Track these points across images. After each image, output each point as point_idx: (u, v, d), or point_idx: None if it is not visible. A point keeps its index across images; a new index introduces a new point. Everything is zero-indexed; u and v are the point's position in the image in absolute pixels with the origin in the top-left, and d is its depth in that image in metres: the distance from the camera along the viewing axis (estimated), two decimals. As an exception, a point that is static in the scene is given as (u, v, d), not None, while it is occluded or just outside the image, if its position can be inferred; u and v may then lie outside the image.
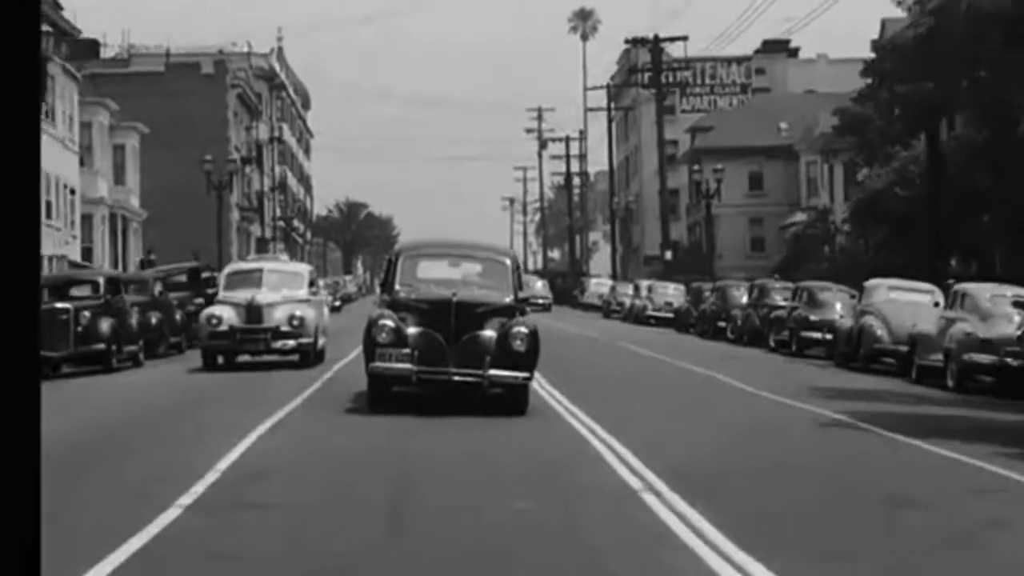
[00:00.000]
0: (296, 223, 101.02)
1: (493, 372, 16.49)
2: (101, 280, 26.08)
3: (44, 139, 36.76)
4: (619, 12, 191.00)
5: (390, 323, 16.71)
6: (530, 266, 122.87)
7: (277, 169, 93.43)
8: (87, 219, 54.45)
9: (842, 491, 11.84)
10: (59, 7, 49.71)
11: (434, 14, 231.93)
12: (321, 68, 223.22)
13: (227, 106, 78.23)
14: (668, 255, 63.90)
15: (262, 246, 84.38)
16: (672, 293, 54.88)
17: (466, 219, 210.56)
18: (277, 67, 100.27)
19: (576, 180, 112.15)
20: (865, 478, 12.74)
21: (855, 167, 55.40)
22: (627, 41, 67.56)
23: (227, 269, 28.52)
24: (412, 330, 16.70)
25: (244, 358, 25.97)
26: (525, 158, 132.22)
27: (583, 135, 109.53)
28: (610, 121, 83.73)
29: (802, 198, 75.09)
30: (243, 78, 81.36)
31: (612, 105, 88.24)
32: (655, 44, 64.26)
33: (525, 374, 16.75)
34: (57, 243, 48.11)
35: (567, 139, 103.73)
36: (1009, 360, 22.63)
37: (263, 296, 25.09)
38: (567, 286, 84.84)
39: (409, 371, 16.59)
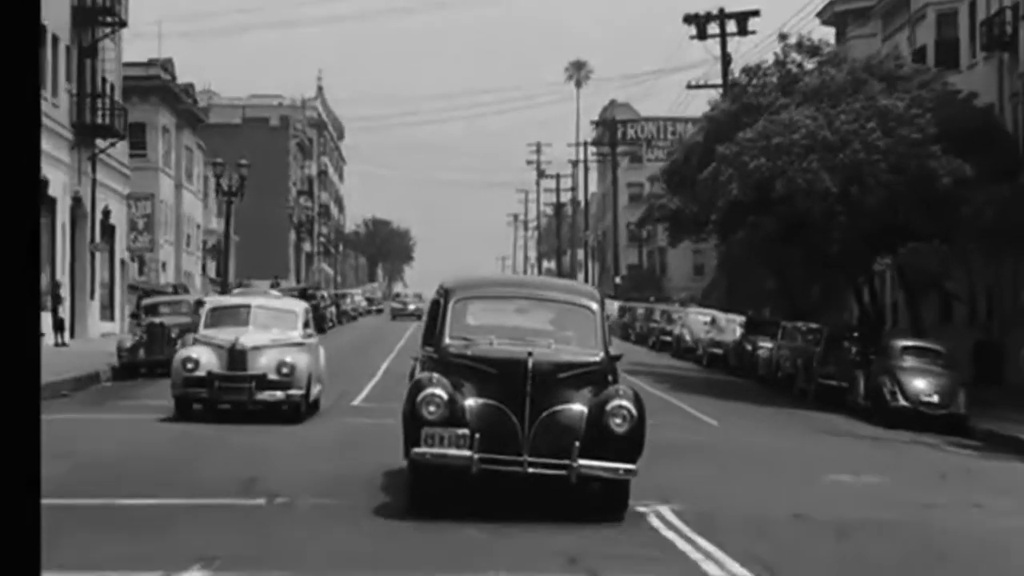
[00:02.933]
0: (333, 241, 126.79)
1: (584, 463, 12.42)
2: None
3: (185, 194, 63.15)
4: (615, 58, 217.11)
5: (441, 393, 12.56)
6: (529, 274, 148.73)
7: (323, 195, 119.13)
8: (204, 244, 79.85)
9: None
10: (190, 95, 74.68)
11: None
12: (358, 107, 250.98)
13: (288, 151, 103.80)
14: (618, 279, 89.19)
15: (310, 260, 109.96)
16: (613, 309, 79.95)
17: (475, 232, 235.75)
18: (320, 108, 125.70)
19: (570, 207, 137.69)
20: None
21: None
22: (592, 122, 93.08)
23: (209, 304, 25.65)
24: (471, 402, 12.64)
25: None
26: (528, 182, 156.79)
27: (575, 166, 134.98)
28: (586, 172, 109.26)
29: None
30: (300, 129, 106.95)
31: (594, 151, 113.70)
32: (612, 125, 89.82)
33: (628, 466, 12.67)
34: (192, 263, 73.50)
35: (558, 176, 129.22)
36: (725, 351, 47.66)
37: (248, 338, 22.34)
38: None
39: (467, 460, 12.42)
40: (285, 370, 22.06)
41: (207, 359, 22.13)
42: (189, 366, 22.08)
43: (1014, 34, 37.15)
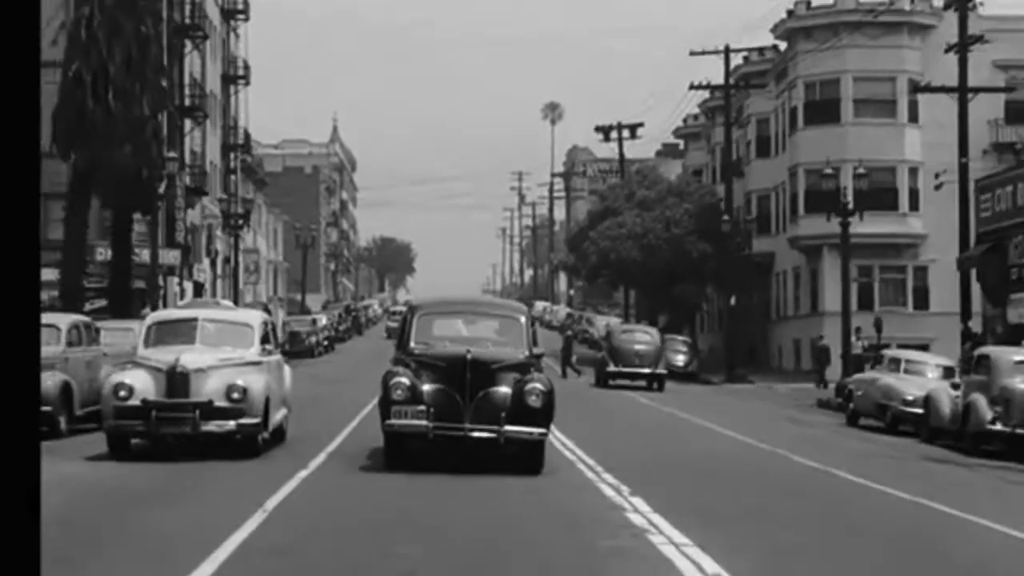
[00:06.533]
0: (351, 259, 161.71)
1: (508, 428, 17.34)
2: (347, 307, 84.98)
3: (258, 238, 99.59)
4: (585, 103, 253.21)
5: (405, 380, 17.57)
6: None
7: (343, 223, 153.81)
8: (267, 271, 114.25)
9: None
10: (260, 167, 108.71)
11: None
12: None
13: (319, 193, 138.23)
14: (572, 292, 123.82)
15: (335, 277, 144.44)
16: (563, 314, 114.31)
17: (468, 246, 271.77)
18: (338, 150, 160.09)
19: (546, 226, 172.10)
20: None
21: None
22: (553, 174, 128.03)
23: (150, 318, 22.30)
24: (427, 387, 17.59)
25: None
26: (513, 203, 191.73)
27: (550, 195, 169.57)
28: (552, 205, 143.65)
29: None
30: (327, 175, 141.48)
31: (561, 187, 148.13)
32: (568, 176, 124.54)
33: (541, 430, 17.63)
34: (262, 287, 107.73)
35: (534, 205, 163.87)
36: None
37: (191, 358, 19.63)
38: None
39: (425, 428, 17.41)
40: (236, 395, 19.41)
41: (143, 385, 19.41)
42: (122, 393, 19.32)
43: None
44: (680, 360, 63.60)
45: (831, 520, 15.36)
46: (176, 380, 19.26)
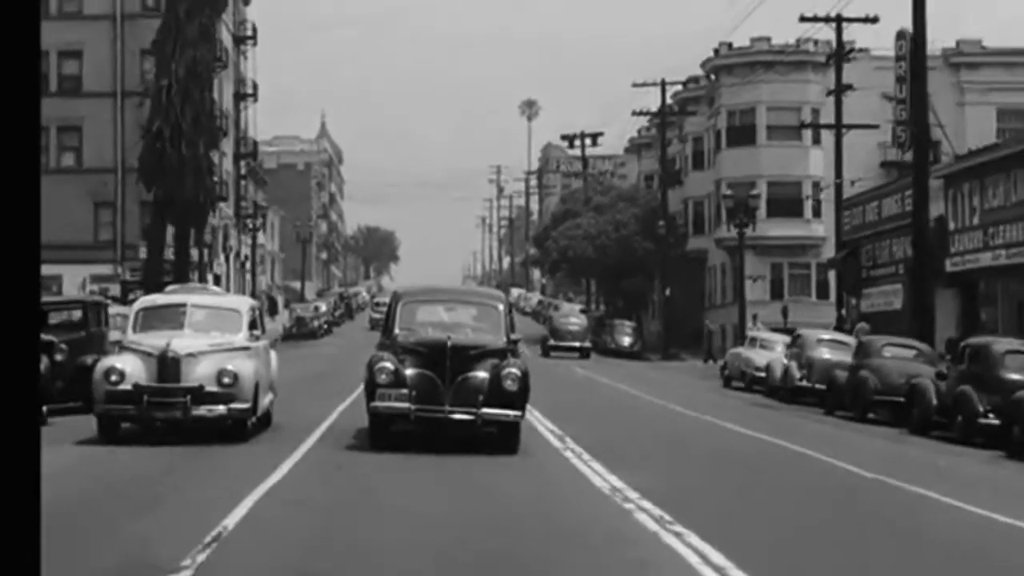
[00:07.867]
0: (340, 249, 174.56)
1: (486, 410, 18.67)
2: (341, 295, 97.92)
3: (262, 235, 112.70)
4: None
5: (389, 365, 18.80)
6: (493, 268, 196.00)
7: (332, 215, 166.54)
8: (268, 262, 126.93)
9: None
10: (262, 168, 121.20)
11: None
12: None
13: (311, 188, 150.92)
14: (544, 281, 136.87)
15: (326, 265, 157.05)
16: (535, 301, 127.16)
17: (450, 234, 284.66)
18: (327, 145, 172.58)
19: (523, 217, 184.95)
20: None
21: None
22: (528, 172, 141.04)
23: (139, 303, 22.68)
24: (410, 371, 18.80)
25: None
26: (492, 193, 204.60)
27: (527, 188, 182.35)
28: (527, 198, 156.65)
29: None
30: (318, 171, 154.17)
31: (535, 181, 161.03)
32: (540, 174, 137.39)
33: (516, 413, 18.98)
34: (263, 278, 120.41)
35: (511, 198, 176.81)
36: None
37: (182, 343, 20.08)
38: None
39: (407, 410, 18.77)
40: (227, 380, 19.74)
41: (133, 369, 19.78)
42: (113, 378, 19.66)
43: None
44: (626, 341, 76.62)
45: (648, 425, 28.38)
46: (167, 365, 19.71)
